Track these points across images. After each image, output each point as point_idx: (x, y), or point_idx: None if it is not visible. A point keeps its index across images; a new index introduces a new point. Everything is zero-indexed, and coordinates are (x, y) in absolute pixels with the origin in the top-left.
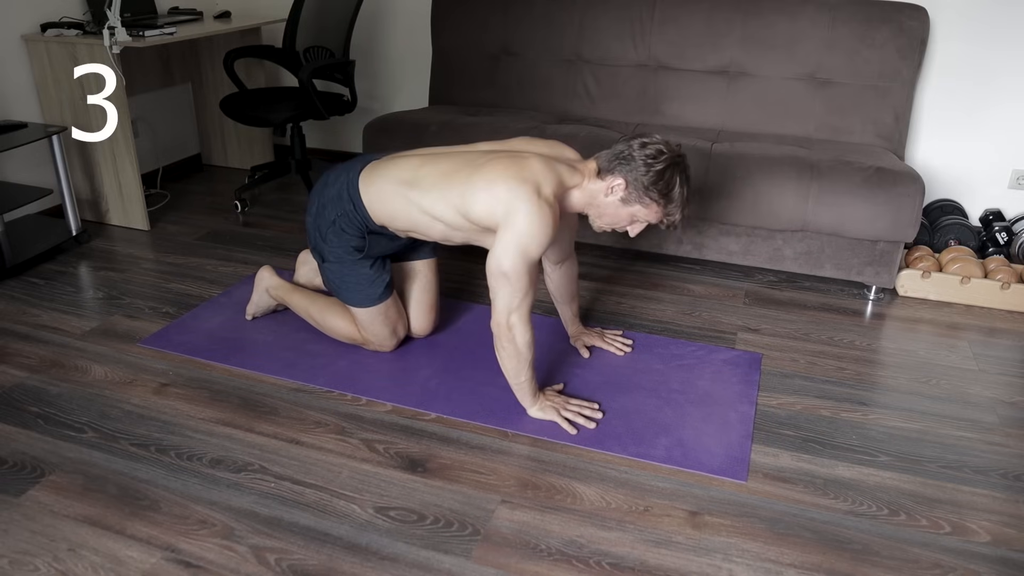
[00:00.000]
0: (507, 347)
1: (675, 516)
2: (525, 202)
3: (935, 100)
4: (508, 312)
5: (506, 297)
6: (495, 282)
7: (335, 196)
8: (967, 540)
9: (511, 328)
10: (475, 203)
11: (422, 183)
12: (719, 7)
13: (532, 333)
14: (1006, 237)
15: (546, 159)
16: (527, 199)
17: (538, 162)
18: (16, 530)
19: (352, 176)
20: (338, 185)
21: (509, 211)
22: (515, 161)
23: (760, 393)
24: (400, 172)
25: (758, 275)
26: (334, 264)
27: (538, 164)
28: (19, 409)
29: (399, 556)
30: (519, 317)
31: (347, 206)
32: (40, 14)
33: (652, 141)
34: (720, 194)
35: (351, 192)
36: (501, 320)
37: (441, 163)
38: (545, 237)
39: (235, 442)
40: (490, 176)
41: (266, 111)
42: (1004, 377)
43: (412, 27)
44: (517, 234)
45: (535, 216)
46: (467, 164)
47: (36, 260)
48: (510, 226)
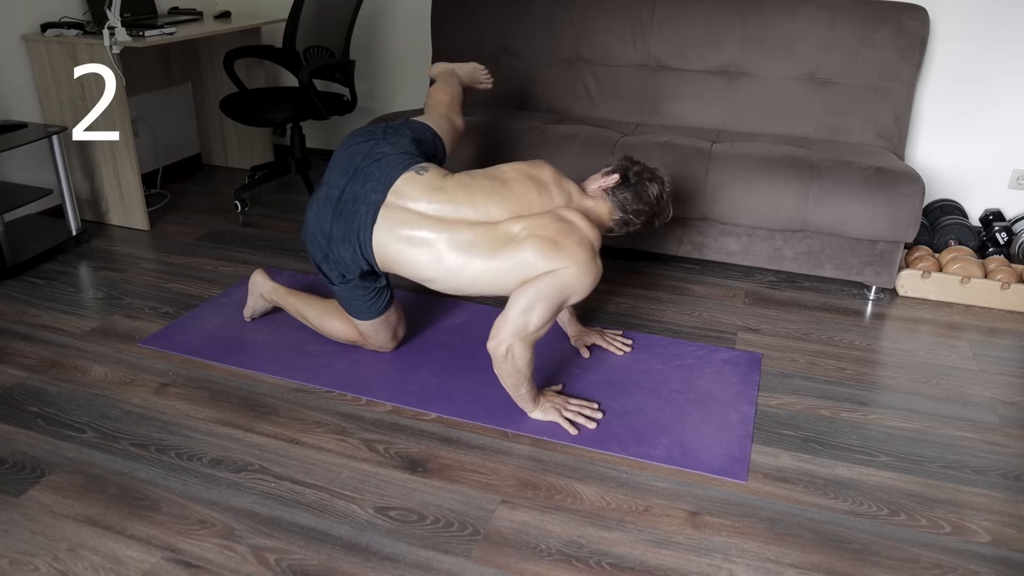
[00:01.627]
0: (505, 366)
1: (675, 516)
2: (591, 261)
3: (935, 100)
4: (517, 334)
5: (524, 319)
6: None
7: (348, 258)
8: (967, 540)
9: (510, 349)
10: (536, 270)
11: (459, 276)
12: (719, 7)
13: (532, 353)
14: (1006, 237)
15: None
16: (592, 259)
17: (580, 219)
18: (16, 530)
19: (365, 238)
20: (349, 245)
21: (573, 261)
22: (567, 228)
23: (760, 393)
24: (424, 254)
25: (758, 275)
26: (341, 287)
27: (582, 221)
28: (19, 409)
29: (399, 556)
30: (524, 344)
31: (362, 265)
32: (40, 14)
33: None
34: (720, 194)
35: (367, 256)
36: (504, 337)
37: (481, 235)
38: (589, 288)
39: (235, 442)
40: (561, 256)
41: (266, 111)
42: (1004, 377)
43: (412, 27)
44: (574, 277)
45: (594, 273)
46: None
47: (36, 260)
48: (568, 268)
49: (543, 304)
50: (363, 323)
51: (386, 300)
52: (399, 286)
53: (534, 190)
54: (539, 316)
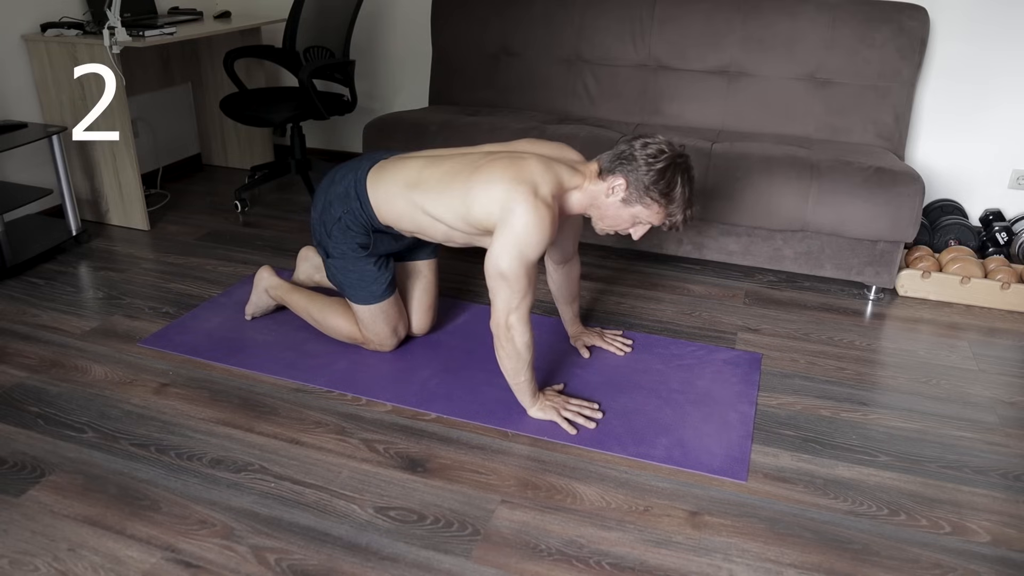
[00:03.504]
0: (506, 347)
1: (675, 516)
2: (522, 203)
3: (935, 100)
4: (507, 312)
5: (505, 298)
6: (493, 283)
7: (342, 194)
8: (967, 540)
9: (510, 328)
10: (473, 205)
11: (424, 185)
12: (719, 7)
13: (531, 334)
14: (1006, 237)
15: (545, 160)
16: (524, 200)
17: (536, 163)
18: (16, 530)
19: (360, 175)
20: (345, 183)
21: (506, 212)
22: (513, 162)
23: (760, 393)
24: (405, 173)
25: (758, 275)
26: (338, 260)
27: (536, 165)
28: (19, 409)
29: (399, 556)
30: (518, 318)
31: (354, 204)
32: (40, 14)
33: (654, 141)
34: (720, 194)
35: (358, 191)
36: (500, 320)
37: (444, 165)
38: (543, 238)
39: (235, 442)
40: (488, 177)
41: (266, 111)
42: (1004, 377)
43: (412, 27)
44: (515, 235)
45: (532, 217)
46: (467, 166)
47: (36, 260)
48: (507, 227)
49: (508, 265)
50: (363, 311)
51: (385, 286)
52: None
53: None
54: (515, 279)
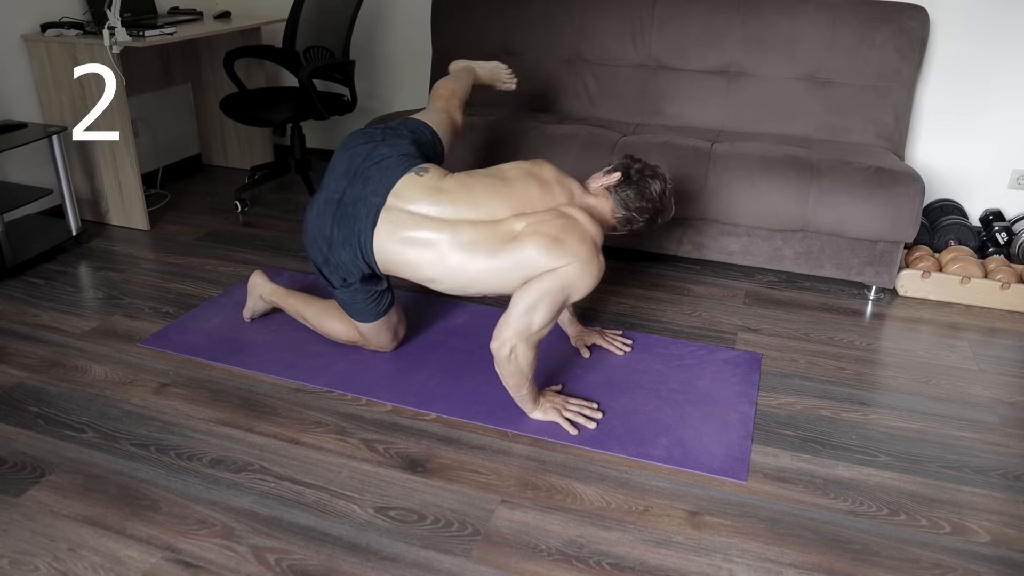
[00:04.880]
0: (509, 368)
1: (675, 516)
2: (595, 259)
3: (935, 100)
4: (522, 334)
5: (527, 319)
6: (528, 300)
7: (349, 260)
8: (967, 540)
9: (514, 349)
10: (527, 268)
11: (458, 275)
12: (719, 7)
13: (535, 353)
14: (1006, 237)
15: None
16: (595, 256)
17: (582, 215)
18: (16, 530)
19: (366, 241)
20: (350, 249)
21: (576, 259)
22: (568, 224)
23: (760, 393)
24: (426, 254)
25: (758, 275)
26: (341, 292)
27: (583, 216)
28: (19, 409)
29: (399, 556)
30: (528, 344)
31: (363, 268)
32: (40, 14)
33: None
34: (720, 194)
35: (368, 259)
36: (508, 337)
37: (476, 241)
38: (592, 286)
39: (235, 442)
40: (564, 253)
41: (266, 111)
42: (1004, 377)
43: (412, 27)
44: (579, 277)
45: (597, 272)
46: (499, 237)
47: (36, 260)
48: (571, 267)
49: (545, 303)
50: (364, 325)
51: (387, 302)
52: (399, 286)
53: (536, 187)
54: (542, 315)
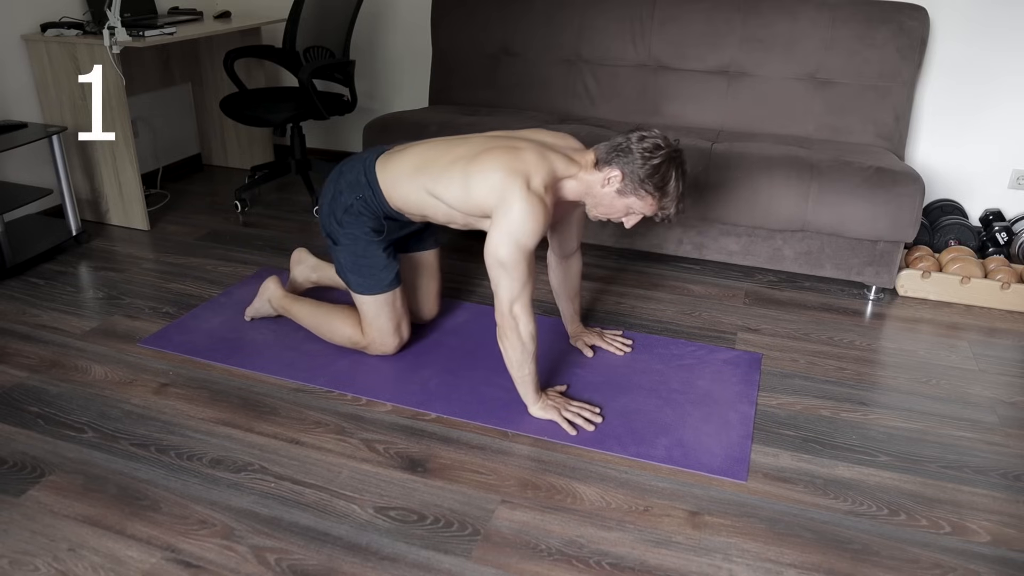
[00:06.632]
0: (511, 337)
1: (675, 516)
2: (515, 193)
3: (935, 100)
4: (510, 302)
5: (507, 287)
6: (494, 272)
7: (352, 182)
8: (967, 540)
9: (515, 318)
10: (472, 191)
11: (429, 169)
12: (719, 7)
13: (535, 325)
14: (1006, 237)
15: (540, 149)
16: (517, 191)
17: (532, 153)
18: (16, 530)
19: (369, 163)
20: (355, 172)
21: (501, 201)
22: (508, 152)
23: (760, 393)
24: (412, 159)
25: (758, 275)
26: (348, 246)
27: (531, 155)
28: (19, 409)
29: (399, 556)
30: (522, 307)
31: (365, 191)
32: (40, 14)
33: (650, 135)
34: (720, 194)
35: (369, 177)
36: (504, 310)
37: (447, 151)
38: (537, 227)
39: (235, 442)
40: (484, 167)
41: (266, 111)
42: (1004, 377)
43: (412, 27)
44: (509, 225)
45: (525, 207)
46: (468, 153)
47: (36, 260)
48: (503, 217)
49: (508, 252)
50: (368, 304)
51: (392, 276)
52: None
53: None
54: (512, 264)
